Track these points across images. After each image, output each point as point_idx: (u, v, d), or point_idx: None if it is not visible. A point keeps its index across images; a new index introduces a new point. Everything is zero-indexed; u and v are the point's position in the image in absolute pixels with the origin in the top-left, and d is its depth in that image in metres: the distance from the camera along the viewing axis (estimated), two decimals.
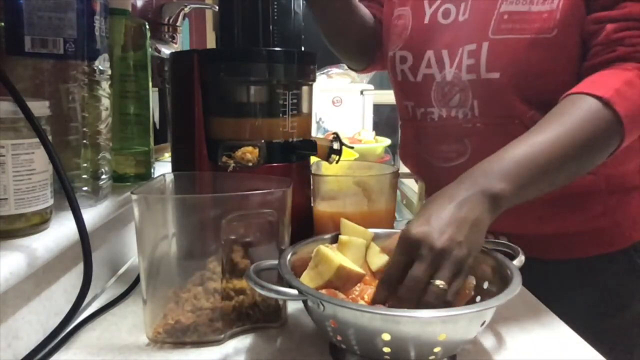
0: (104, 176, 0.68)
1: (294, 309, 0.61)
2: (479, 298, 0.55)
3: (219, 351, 0.54)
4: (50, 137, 0.54)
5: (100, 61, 0.65)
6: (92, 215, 0.64)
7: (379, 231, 0.62)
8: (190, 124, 0.66)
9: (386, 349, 0.46)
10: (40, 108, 0.54)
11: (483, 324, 0.48)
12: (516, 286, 0.50)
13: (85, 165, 0.65)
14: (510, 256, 0.57)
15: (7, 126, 0.51)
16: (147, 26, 0.82)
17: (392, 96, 0.90)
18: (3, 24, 0.60)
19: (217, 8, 0.78)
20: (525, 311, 0.63)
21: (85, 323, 0.59)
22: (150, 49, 0.83)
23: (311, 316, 0.51)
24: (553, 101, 0.64)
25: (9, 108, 0.51)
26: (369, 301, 0.52)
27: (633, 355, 0.80)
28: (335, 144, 0.73)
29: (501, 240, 0.62)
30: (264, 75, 0.66)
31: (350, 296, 0.53)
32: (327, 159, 0.73)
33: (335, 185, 0.73)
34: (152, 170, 0.85)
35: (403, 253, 0.52)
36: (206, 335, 0.55)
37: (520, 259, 0.56)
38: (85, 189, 0.65)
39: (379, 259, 0.58)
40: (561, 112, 0.61)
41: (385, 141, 1.69)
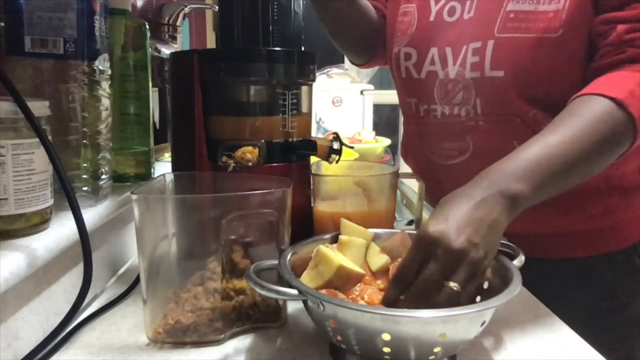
0: (104, 176, 0.68)
1: (294, 309, 0.61)
2: (479, 298, 0.55)
3: (219, 351, 0.54)
4: (50, 137, 0.54)
5: (100, 61, 0.65)
6: (92, 215, 0.64)
7: (379, 231, 0.62)
8: (190, 124, 0.66)
9: (386, 349, 0.46)
10: (40, 108, 0.54)
11: (483, 324, 0.48)
12: (516, 286, 0.50)
13: (85, 165, 0.65)
14: (510, 256, 0.57)
15: (7, 126, 0.51)
16: (147, 26, 0.82)
17: (392, 96, 0.90)
18: (3, 24, 0.60)
19: (217, 8, 0.78)
20: (525, 311, 0.63)
21: (85, 323, 0.59)
22: (150, 49, 0.83)
23: (311, 316, 0.51)
24: (556, 101, 0.64)
25: (9, 108, 0.51)
26: (370, 301, 0.52)
27: (633, 355, 0.80)
28: (335, 144, 0.73)
29: (501, 240, 0.62)
30: (264, 75, 0.66)
31: (350, 296, 0.53)
32: (327, 159, 0.73)
33: (335, 185, 0.73)
34: (152, 170, 0.85)
35: (419, 251, 0.51)
36: (206, 335, 0.55)
37: (520, 259, 0.56)
38: (85, 189, 0.65)
39: (379, 259, 0.58)
40: (574, 113, 0.61)
41: (385, 141, 1.69)
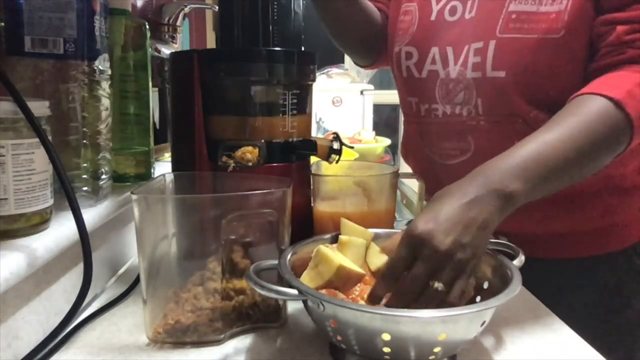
0: (104, 176, 0.68)
1: (294, 309, 0.61)
2: (479, 298, 0.55)
3: (219, 351, 0.54)
4: (50, 137, 0.54)
5: (100, 61, 0.65)
6: (92, 215, 0.64)
7: (379, 231, 0.62)
8: (190, 124, 0.66)
9: (386, 349, 0.46)
10: (40, 108, 0.54)
11: (483, 324, 0.48)
12: (516, 286, 0.50)
13: (85, 165, 0.65)
14: (510, 256, 0.57)
15: (7, 126, 0.51)
16: (147, 26, 0.82)
17: (392, 96, 0.90)
18: (3, 24, 0.60)
19: (217, 8, 0.78)
20: (525, 311, 0.63)
21: (85, 323, 0.59)
22: (150, 49, 0.83)
23: (311, 316, 0.51)
24: (558, 102, 0.64)
25: (9, 108, 0.51)
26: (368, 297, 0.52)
27: (633, 355, 0.80)
28: (335, 144, 0.73)
29: (501, 240, 0.62)
30: (264, 75, 0.66)
31: (350, 296, 0.53)
32: (327, 159, 0.73)
33: (335, 185, 0.73)
34: (152, 170, 0.85)
35: (406, 249, 0.51)
36: (206, 335, 0.55)
37: (520, 259, 0.56)
38: (85, 189, 0.65)
39: (378, 259, 0.58)
40: (572, 112, 0.61)
41: (385, 141, 1.69)
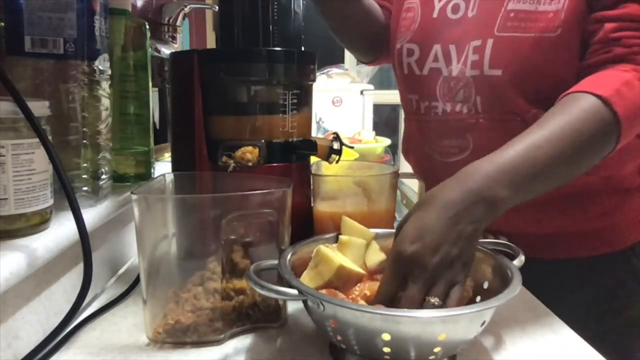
0: (104, 176, 0.68)
1: (294, 309, 0.61)
2: (479, 298, 0.55)
3: (219, 351, 0.54)
4: (50, 137, 0.54)
5: (100, 61, 0.65)
6: (92, 215, 0.64)
7: (379, 231, 0.62)
8: (190, 124, 0.66)
9: (386, 349, 0.46)
10: (40, 108, 0.54)
11: (483, 324, 0.48)
12: (516, 286, 0.50)
13: (85, 165, 0.65)
14: (510, 256, 0.57)
15: (7, 126, 0.51)
16: (147, 26, 0.82)
17: (392, 96, 0.90)
18: (3, 24, 0.60)
19: (217, 8, 0.78)
20: (525, 311, 0.63)
21: (85, 323, 0.59)
22: (150, 49, 0.83)
23: (311, 316, 0.51)
24: (555, 100, 0.64)
25: (9, 108, 0.51)
26: (372, 294, 0.52)
27: (633, 355, 0.80)
28: (335, 144, 0.73)
29: (501, 240, 0.62)
30: (264, 75, 0.66)
31: (350, 296, 0.53)
32: (327, 159, 0.73)
33: (335, 185, 0.73)
34: (152, 170, 0.85)
35: (396, 273, 0.51)
36: (206, 335, 0.55)
37: (520, 259, 0.56)
38: (85, 189, 0.65)
39: (376, 256, 0.58)
40: (560, 111, 0.61)
41: (385, 141, 1.68)
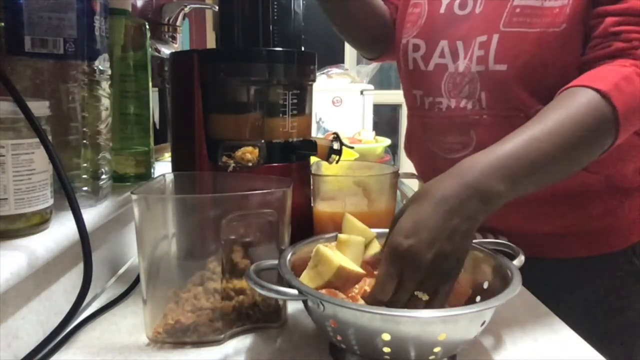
0: (104, 176, 0.68)
1: (294, 309, 0.61)
2: (479, 298, 0.55)
3: (219, 351, 0.54)
4: (50, 137, 0.54)
5: (100, 61, 0.65)
6: (92, 215, 0.64)
7: (379, 231, 0.62)
8: (190, 124, 0.66)
9: (386, 349, 0.46)
10: (40, 108, 0.54)
11: (483, 324, 0.48)
12: (516, 286, 0.50)
13: (85, 165, 0.65)
14: (510, 256, 0.57)
15: (7, 126, 0.51)
16: (147, 26, 0.82)
17: (392, 96, 0.90)
18: (3, 24, 0.60)
19: (217, 8, 0.78)
20: (525, 311, 0.63)
21: (85, 323, 0.59)
22: (150, 49, 0.83)
23: (311, 316, 0.51)
24: None
25: (9, 108, 0.51)
26: (370, 289, 0.53)
27: (633, 355, 0.80)
28: (335, 144, 0.73)
29: (501, 240, 0.62)
30: (264, 75, 0.66)
31: (350, 294, 0.53)
32: (327, 159, 0.73)
33: (335, 185, 0.73)
34: (152, 170, 0.85)
35: (392, 267, 0.51)
36: (206, 335, 0.55)
37: (520, 259, 0.56)
38: (85, 189, 0.65)
39: (372, 249, 0.58)
40: (558, 105, 0.61)
41: (385, 141, 1.68)
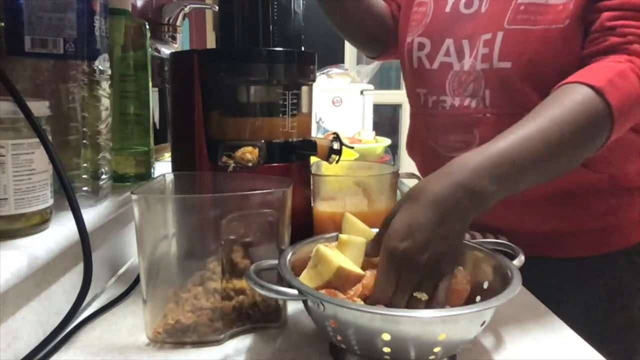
0: (104, 176, 0.68)
1: (294, 309, 0.61)
2: (479, 298, 0.55)
3: (219, 351, 0.54)
4: (50, 137, 0.54)
5: (100, 61, 0.65)
6: (92, 215, 0.64)
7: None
8: (190, 124, 0.66)
9: (386, 349, 0.46)
10: (40, 108, 0.54)
11: (483, 324, 0.48)
12: (516, 286, 0.50)
13: (85, 165, 0.65)
14: (510, 256, 0.57)
15: (7, 126, 0.51)
16: (147, 26, 0.82)
17: (392, 96, 0.90)
18: (3, 24, 0.60)
19: (217, 8, 0.78)
20: (525, 311, 0.63)
21: (85, 323, 0.59)
22: (150, 49, 0.83)
23: (311, 316, 0.51)
24: None
25: (9, 108, 0.51)
26: (368, 283, 0.53)
27: (633, 355, 0.80)
28: (335, 144, 0.73)
29: (501, 240, 0.62)
30: (264, 75, 0.66)
31: (348, 295, 0.53)
32: (327, 159, 0.73)
33: (335, 185, 0.73)
34: (152, 170, 0.85)
35: (390, 270, 0.52)
36: (206, 335, 0.55)
37: (520, 259, 0.56)
38: (85, 189, 0.65)
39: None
40: (552, 102, 0.61)
41: (385, 141, 1.68)
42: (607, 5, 0.65)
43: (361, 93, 2.19)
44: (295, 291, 0.48)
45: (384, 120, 2.69)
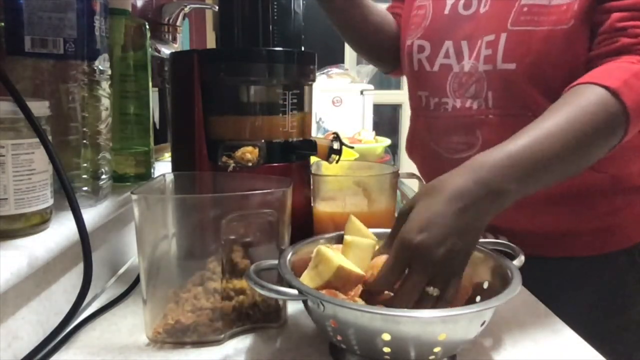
0: (104, 176, 0.68)
1: (294, 309, 0.61)
2: (479, 298, 0.55)
3: (219, 351, 0.54)
4: (50, 137, 0.54)
5: (100, 61, 0.65)
6: (92, 215, 0.64)
7: (379, 231, 0.62)
8: (190, 124, 0.66)
9: (386, 349, 0.46)
10: (40, 108, 0.54)
11: (483, 324, 0.48)
12: (516, 286, 0.50)
13: (85, 165, 0.65)
14: (510, 256, 0.57)
15: (7, 126, 0.51)
16: (147, 26, 0.82)
17: (392, 96, 0.91)
18: (3, 24, 0.60)
19: (217, 8, 0.78)
20: (525, 311, 0.63)
21: (85, 323, 0.59)
22: (150, 49, 0.83)
23: (311, 316, 0.51)
24: None
25: (9, 108, 0.51)
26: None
27: (634, 355, 0.80)
28: (335, 144, 0.73)
29: (501, 240, 0.62)
30: (264, 75, 0.66)
31: (348, 296, 0.53)
32: (327, 159, 0.73)
33: (335, 185, 0.73)
34: (152, 170, 0.85)
35: (400, 260, 0.51)
36: (206, 335, 0.55)
37: (520, 259, 0.56)
38: (85, 189, 0.65)
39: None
40: (567, 102, 0.60)
41: (385, 141, 1.68)
42: (617, 5, 0.65)
43: (361, 93, 2.19)
44: (295, 291, 0.48)
45: (384, 120, 2.69)
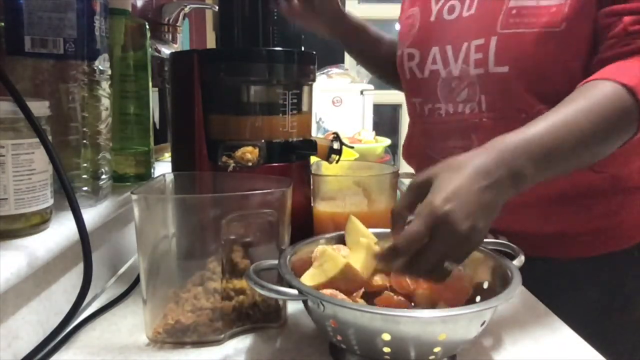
0: (104, 176, 0.68)
1: (294, 309, 0.61)
2: (479, 298, 0.55)
3: (219, 351, 0.54)
4: (50, 137, 0.54)
5: (100, 61, 0.65)
6: (92, 215, 0.64)
7: (379, 231, 0.62)
8: (190, 124, 0.66)
9: (386, 349, 0.46)
10: (40, 108, 0.54)
11: (483, 324, 0.48)
12: (516, 286, 0.50)
13: (85, 165, 0.65)
14: (510, 256, 0.57)
15: (7, 126, 0.51)
16: (147, 26, 0.82)
17: (392, 96, 0.91)
18: (3, 24, 0.60)
19: (217, 8, 0.79)
20: (525, 311, 0.63)
21: (85, 323, 0.59)
22: (150, 49, 0.83)
23: (311, 316, 0.51)
24: (561, 95, 0.64)
25: (9, 108, 0.51)
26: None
27: (634, 355, 0.80)
28: (335, 144, 0.73)
29: (501, 240, 0.62)
30: (264, 75, 0.66)
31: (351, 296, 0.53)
32: (327, 159, 0.73)
33: (335, 185, 0.73)
34: (152, 170, 0.85)
35: (425, 225, 0.49)
36: (206, 335, 0.55)
37: (520, 259, 0.56)
38: (85, 189, 0.65)
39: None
40: (582, 95, 0.61)
41: (385, 141, 1.68)
42: (628, 9, 0.65)
43: (361, 93, 2.19)
44: (295, 291, 0.48)
45: (384, 120, 2.69)
